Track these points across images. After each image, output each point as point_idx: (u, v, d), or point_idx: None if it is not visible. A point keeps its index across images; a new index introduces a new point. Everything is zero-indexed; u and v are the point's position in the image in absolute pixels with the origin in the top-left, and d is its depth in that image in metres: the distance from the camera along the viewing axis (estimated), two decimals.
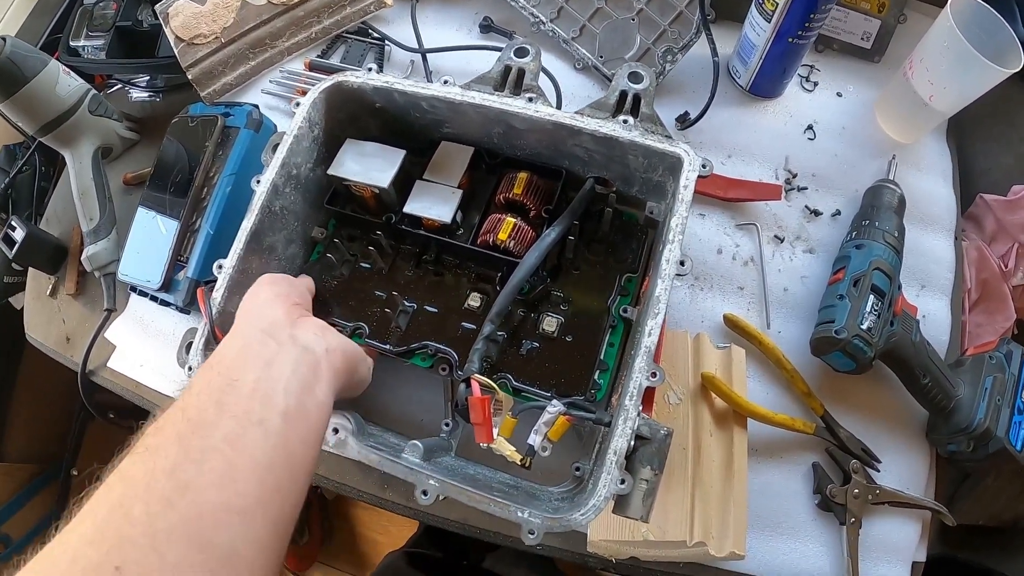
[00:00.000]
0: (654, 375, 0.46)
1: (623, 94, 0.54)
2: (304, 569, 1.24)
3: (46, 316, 0.74)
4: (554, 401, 0.49)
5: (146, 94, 0.78)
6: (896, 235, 0.64)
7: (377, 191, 0.57)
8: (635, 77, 0.54)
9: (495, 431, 0.49)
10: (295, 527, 1.13)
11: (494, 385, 0.49)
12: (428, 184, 0.59)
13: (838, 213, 0.69)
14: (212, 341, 0.51)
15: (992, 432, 0.60)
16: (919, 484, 0.64)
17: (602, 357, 0.55)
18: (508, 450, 0.49)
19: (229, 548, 0.31)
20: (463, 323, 0.57)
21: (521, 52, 0.56)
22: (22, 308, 0.76)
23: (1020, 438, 0.61)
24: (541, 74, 0.68)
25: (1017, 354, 0.64)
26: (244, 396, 0.36)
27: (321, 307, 0.59)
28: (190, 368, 0.52)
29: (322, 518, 1.32)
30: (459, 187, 0.58)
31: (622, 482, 0.45)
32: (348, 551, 1.26)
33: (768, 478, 0.62)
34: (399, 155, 0.58)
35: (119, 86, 0.79)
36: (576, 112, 0.53)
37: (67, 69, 0.69)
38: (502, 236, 0.55)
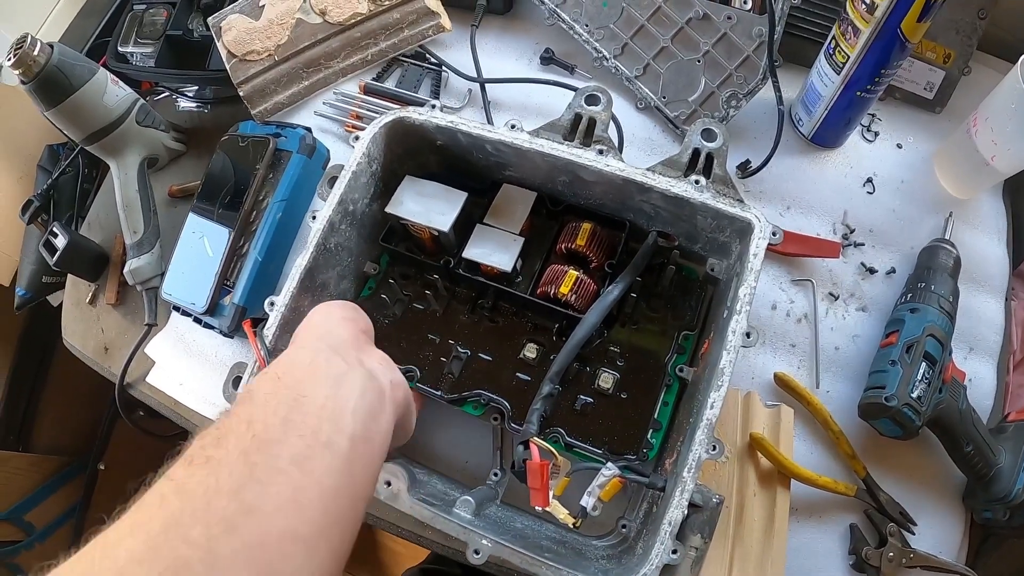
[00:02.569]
0: (714, 448, 0.46)
1: (696, 152, 0.53)
2: None
3: (84, 324, 0.73)
4: (608, 464, 0.49)
5: (194, 104, 0.77)
6: (951, 300, 0.64)
7: (436, 233, 0.57)
8: (709, 135, 0.53)
9: (551, 494, 0.49)
10: None
11: (553, 450, 0.49)
12: (489, 229, 0.58)
13: (893, 271, 0.68)
14: None
15: None
16: (952, 547, 0.64)
17: (656, 416, 0.54)
18: (562, 513, 0.49)
19: None
20: (518, 374, 0.56)
21: (592, 100, 0.55)
22: (59, 305, 0.76)
23: None
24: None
25: None
26: (312, 414, 0.34)
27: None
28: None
29: None
30: (520, 233, 0.57)
31: (674, 552, 0.45)
32: (368, 561, 1.26)
33: (805, 537, 0.62)
34: (461, 197, 0.57)
35: (166, 94, 0.78)
36: (647, 169, 0.52)
37: (115, 78, 0.68)
38: (563, 290, 0.54)
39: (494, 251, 0.57)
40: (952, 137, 0.70)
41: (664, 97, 0.69)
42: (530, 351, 0.57)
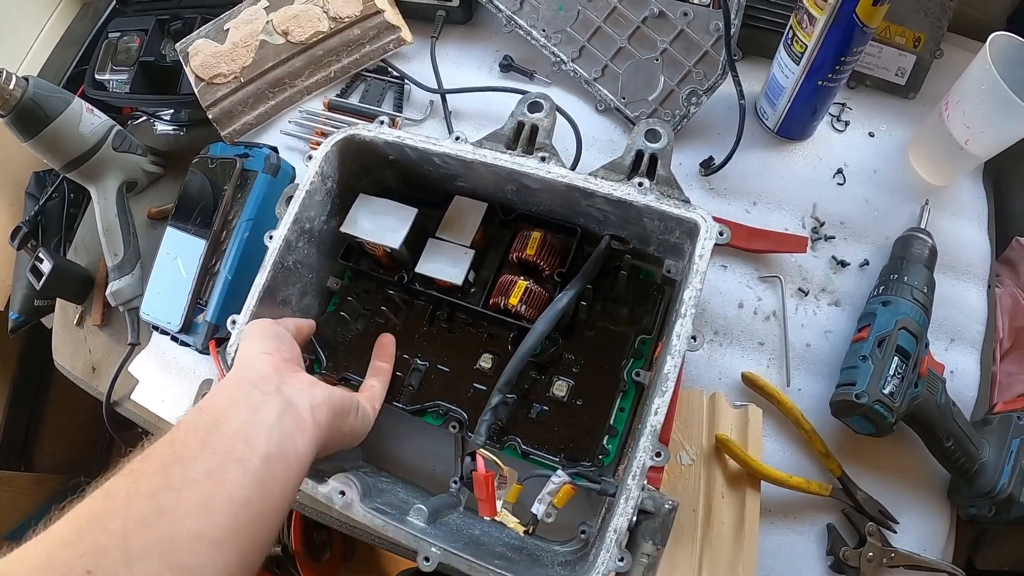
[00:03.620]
0: (658, 455, 0.46)
1: (639, 154, 0.52)
2: None
3: (73, 345, 0.76)
4: (558, 471, 0.50)
5: (171, 127, 0.79)
6: (925, 291, 0.62)
7: (389, 250, 0.57)
8: (652, 136, 0.53)
9: (499, 504, 0.49)
10: (315, 545, 1.15)
11: (498, 461, 0.50)
12: (440, 243, 0.58)
13: (866, 263, 0.66)
14: None
15: (1016, 498, 0.58)
16: (937, 545, 0.62)
17: (612, 422, 0.54)
18: (511, 522, 0.50)
19: (198, 573, 0.33)
20: (474, 384, 0.57)
21: (535, 107, 0.55)
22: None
23: None
24: (560, 117, 0.67)
25: None
26: (227, 436, 0.39)
27: (337, 361, 0.60)
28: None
29: (343, 536, 1.34)
30: (472, 245, 0.58)
31: (621, 560, 0.45)
32: (368, 569, 1.28)
33: (780, 539, 0.61)
34: (411, 214, 0.58)
35: (144, 118, 0.80)
36: (590, 174, 0.52)
37: (90, 107, 0.70)
38: (513, 301, 0.55)
39: (445, 265, 0.57)
40: (925, 123, 0.69)
41: (624, 98, 0.69)
42: (485, 361, 0.57)
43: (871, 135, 0.71)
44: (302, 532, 1.17)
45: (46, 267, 0.72)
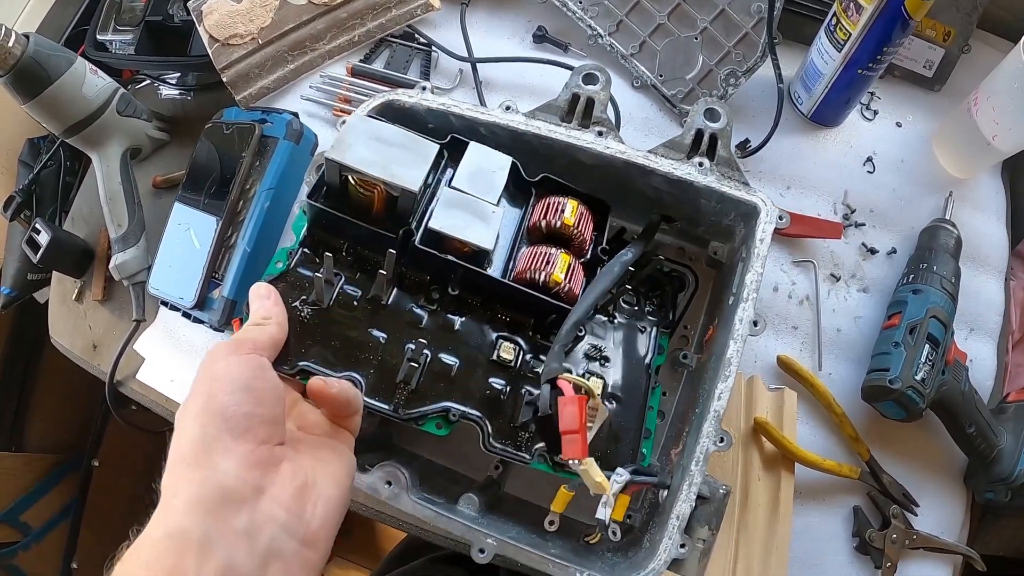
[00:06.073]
0: (721, 440, 0.45)
1: (699, 133, 0.51)
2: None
3: (72, 322, 0.71)
4: (619, 470, 0.44)
5: (176, 92, 0.75)
6: (953, 281, 0.63)
7: (396, 194, 0.45)
8: (712, 115, 0.52)
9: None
10: None
11: (590, 386, 0.44)
12: (459, 195, 0.47)
13: (894, 251, 0.67)
14: None
15: None
16: (954, 528, 0.64)
17: (646, 424, 0.52)
18: (598, 477, 0.42)
19: None
20: (492, 379, 0.47)
21: (590, 79, 0.53)
22: (46, 302, 0.74)
23: None
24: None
25: None
26: None
27: (289, 348, 0.45)
28: None
29: None
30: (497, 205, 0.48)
31: (682, 546, 0.45)
32: (367, 545, 1.26)
33: (809, 520, 0.62)
34: (432, 149, 0.47)
35: (148, 81, 0.75)
36: (649, 151, 0.51)
37: (94, 68, 0.65)
38: (557, 277, 0.46)
39: (469, 223, 0.46)
40: (952, 116, 0.69)
41: (661, 75, 0.68)
42: (506, 352, 0.47)
43: (899, 125, 0.72)
44: None
45: (44, 238, 0.67)
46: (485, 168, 0.49)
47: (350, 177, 0.46)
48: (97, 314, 0.71)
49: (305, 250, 0.48)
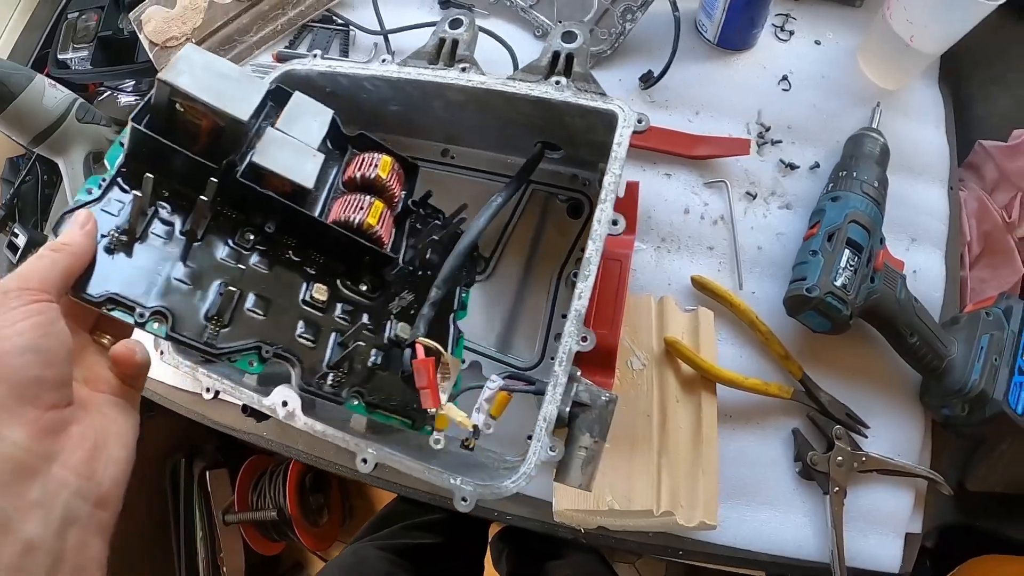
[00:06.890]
0: (584, 339, 0.45)
1: (556, 55, 0.52)
2: (324, 548, 1.26)
3: None
4: (492, 377, 0.48)
5: (133, 98, 0.82)
6: (876, 186, 0.61)
7: (224, 123, 0.45)
8: (568, 36, 0.53)
9: (443, 396, 0.47)
10: (311, 509, 1.14)
11: (439, 347, 0.48)
12: (282, 136, 0.48)
13: (817, 166, 0.65)
14: None
15: (988, 395, 0.56)
16: (912, 451, 0.60)
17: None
18: (459, 416, 0.46)
19: None
20: (304, 319, 0.49)
21: (455, 23, 0.56)
22: None
23: (1021, 401, 0.57)
24: (499, 45, 0.67)
25: (1018, 310, 0.59)
26: None
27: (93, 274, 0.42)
28: (161, 352, 0.52)
29: (342, 498, 1.35)
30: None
31: (552, 449, 0.44)
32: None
33: (744, 445, 0.60)
34: (263, 86, 0.48)
35: (108, 93, 0.83)
36: (508, 77, 0.52)
37: (52, 82, 0.73)
38: (371, 220, 0.49)
39: (291, 162, 0.47)
40: (871, 26, 0.68)
41: (560, 21, 0.69)
42: (319, 292, 0.49)
43: (817, 43, 0.70)
44: (298, 496, 1.18)
45: (21, 240, 0.74)
46: (307, 116, 0.51)
47: (178, 104, 0.45)
48: None
49: (119, 181, 0.45)
